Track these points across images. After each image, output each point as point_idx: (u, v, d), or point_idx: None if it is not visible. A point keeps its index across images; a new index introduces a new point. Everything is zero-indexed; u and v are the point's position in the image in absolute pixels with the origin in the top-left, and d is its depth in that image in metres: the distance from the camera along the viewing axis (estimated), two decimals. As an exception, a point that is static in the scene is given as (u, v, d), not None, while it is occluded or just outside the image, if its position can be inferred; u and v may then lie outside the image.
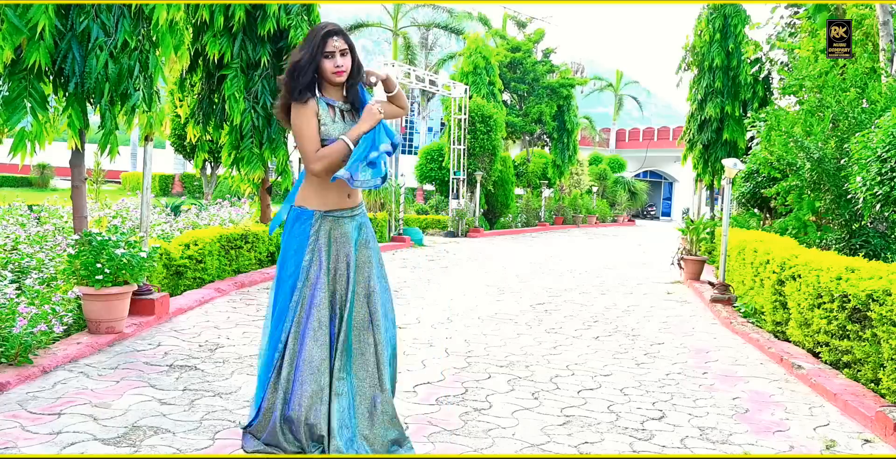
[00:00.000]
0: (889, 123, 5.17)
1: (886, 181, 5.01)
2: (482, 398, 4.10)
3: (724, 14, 14.87)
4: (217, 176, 17.00)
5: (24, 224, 6.82)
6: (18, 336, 3.96)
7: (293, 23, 7.68)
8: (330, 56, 2.98)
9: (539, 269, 11.04)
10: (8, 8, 4.18)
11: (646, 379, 4.73)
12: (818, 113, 7.51)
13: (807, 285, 5.18)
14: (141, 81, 4.90)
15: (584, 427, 3.69)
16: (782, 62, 13.59)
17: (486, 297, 7.94)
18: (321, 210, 3.05)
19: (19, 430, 3.23)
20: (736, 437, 3.68)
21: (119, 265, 4.88)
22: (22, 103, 4.41)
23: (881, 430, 3.74)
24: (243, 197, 10.26)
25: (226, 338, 5.24)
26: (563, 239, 18.38)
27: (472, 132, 17.87)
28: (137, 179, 26.68)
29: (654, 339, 6.07)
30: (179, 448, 3.14)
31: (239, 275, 7.80)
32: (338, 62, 2.99)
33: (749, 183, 10.06)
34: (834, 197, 6.95)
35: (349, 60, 3.02)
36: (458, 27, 28.69)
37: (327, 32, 2.98)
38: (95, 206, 8.42)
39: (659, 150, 39.41)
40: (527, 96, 23.96)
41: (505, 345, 5.54)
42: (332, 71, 2.99)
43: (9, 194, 13.05)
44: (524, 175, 24.02)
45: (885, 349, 4.06)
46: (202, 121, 8.22)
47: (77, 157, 5.29)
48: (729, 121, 14.83)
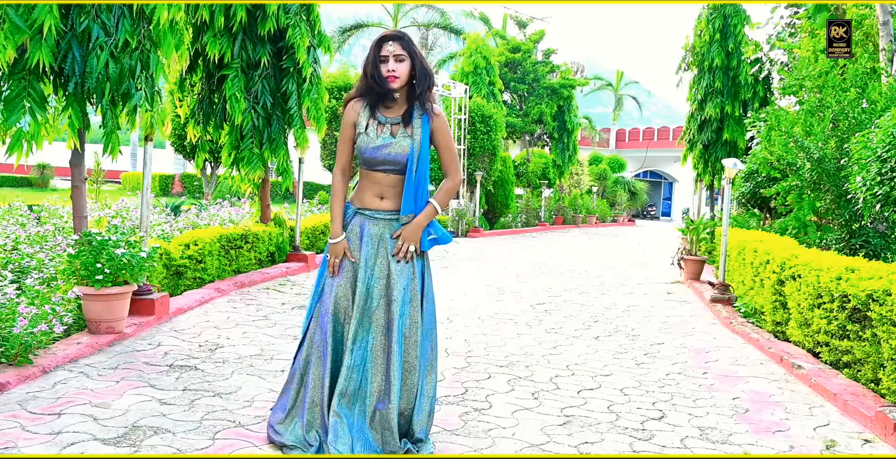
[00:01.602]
0: (889, 123, 5.17)
1: (886, 181, 5.01)
2: (482, 398, 4.10)
3: (724, 14, 14.88)
4: (217, 176, 17.00)
5: (24, 224, 6.82)
6: (18, 336, 3.96)
7: (292, 22, 7.67)
8: (384, 60, 3.02)
9: (539, 269, 11.04)
10: (9, 7, 4.19)
11: (646, 379, 4.73)
12: (818, 113, 7.51)
13: (807, 286, 5.18)
14: (143, 80, 4.90)
15: (584, 427, 3.69)
16: (782, 62, 13.59)
17: (486, 297, 7.94)
18: (356, 207, 3.19)
19: (19, 430, 3.23)
20: (736, 437, 3.68)
21: (119, 265, 4.88)
22: (21, 103, 4.41)
23: (881, 430, 3.74)
24: (243, 197, 10.27)
25: (226, 338, 5.24)
26: (562, 239, 18.38)
27: (472, 132, 17.88)
28: (137, 179, 26.68)
29: (654, 339, 6.07)
30: (179, 448, 3.14)
31: (239, 275, 7.79)
32: (390, 66, 3.01)
33: (749, 183, 10.06)
34: (834, 197, 6.96)
35: (405, 66, 3.03)
36: (457, 27, 28.69)
37: (383, 37, 3.05)
38: (95, 206, 8.43)
39: (659, 150, 39.42)
40: (527, 96, 23.96)
41: (505, 345, 5.54)
42: (385, 76, 3.02)
43: (9, 194, 13.05)
44: (524, 175, 24.02)
45: (885, 349, 4.06)
46: (202, 121, 8.21)
47: (77, 157, 5.29)
48: (729, 121, 14.83)
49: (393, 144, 3.07)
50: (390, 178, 3.11)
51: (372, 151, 3.07)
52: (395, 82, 3.02)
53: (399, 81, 3.03)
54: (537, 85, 23.77)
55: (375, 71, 3.03)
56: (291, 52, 7.78)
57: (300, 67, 7.83)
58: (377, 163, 3.09)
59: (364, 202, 3.16)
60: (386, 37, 3.04)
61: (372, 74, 3.03)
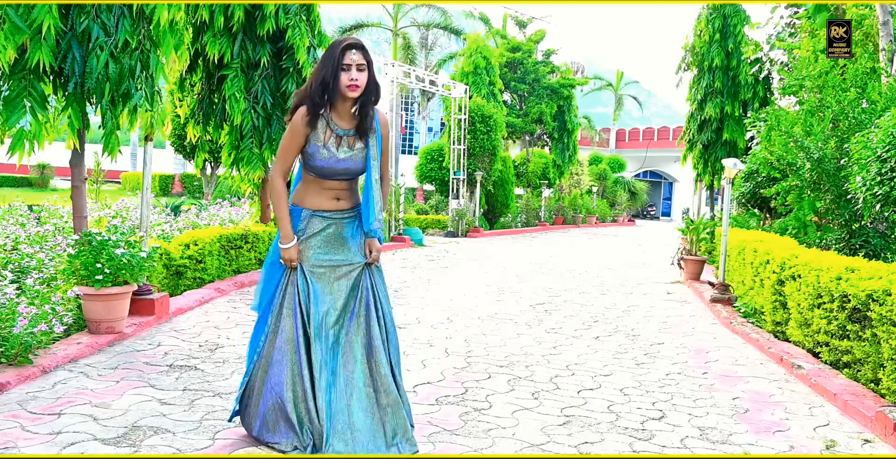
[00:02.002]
0: (889, 123, 5.17)
1: (886, 181, 5.01)
2: (482, 398, 4.10)
3: (724, 14, 14.88)
4: (217, 176, 17.01)
5: (24, 224, 6.82)
6: (18, 336, 3.96)
7: (291, 23, 7.67)
8: (346, 69, 3.00)
9: (539, 269, 11.04)
10: (9, 7, 4.19)
11: (646, 379, 4.73)
12: (818, 113, 7.51)
13: (807, 286, 5.18)
14: (142, 80, 4.90)
15: (584, 427, 3.69)
16: (782, 62, 13.58)
17: (485, 297, 7.94)
18: (311, 209, 3.18)
19: (19, 430, 3.23)
20: (736, 437, 3.68)
21: (119, 265, 4.88)
22: (21, 103, 4.41)
23: (881, 430, 3.74)
24: (243, 197, 10.27)
25: (226, 338, 5.24)
26: (562, 239, 18.38)
27: (472, 132, 17.87)
28: (137, 179, 26.68)
29: (654, 339, 6.07)
30: (179, 448, 3.14)
31: (239, 275, 7.79)
32: (353, 75, 3.00)
33: (749, 183, 10.06)
34: (834, 197, 6.95)
35: (366, 76, 3.04)
36: (457, 27, 28.67)
37: (347, 46, 3.02)
38: (95, 206, 8.42)
39: (659, 150, 39.41)
40: (527, 96, 23.96)
41: (505, 345, 5.54)
42: (347, 84, 3.01)
43: (9, 194, 13.05)
44: (524, 175, 24.02)
45: (885, 349, 4.06)
46: (202, 121, 8.22)
47: (77, 157, 5.29)
48: (729, 121, 14.84)
49: (353, 157, 3.13)
50: (345, 183, 3.20)
51: (332, 164, 3.10)
52: (356, 92, 3.03)
53: (359, 91, 3.04)
54: (537, 85, 23.77)
55: (334, 79, 3.01)
56: (291, 52, 7.78)
57: (300, 67, 7.83)
58: (336, 173, 3.13)
59: (320, 205, 3.17)
60: (350, 45, 3.02)
61: (330, 83, 3.01)
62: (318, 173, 3.14)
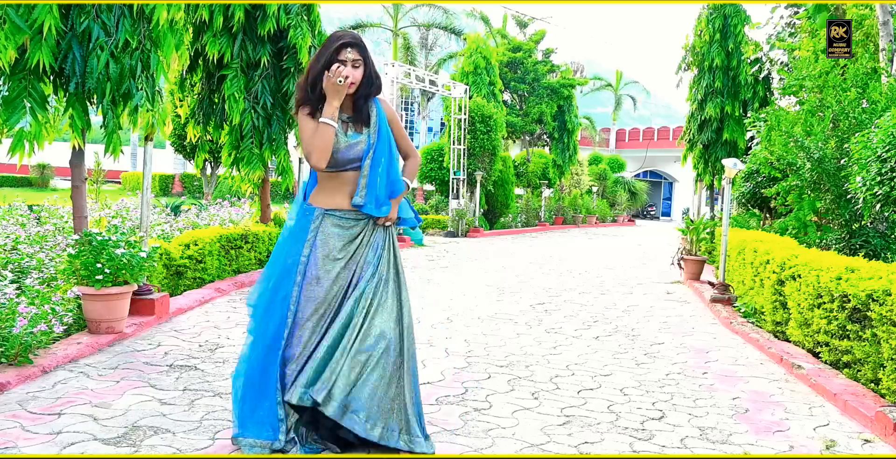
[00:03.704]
0: (889, 123, 5.17)
1: (886, 181, 5.01)
2: (482, 398, 4.10)
3: (724, 14, 14.88)
4: (217, 176, 17.01)
5: (24, 224, 6.82)
6: (18, 336, 3.96)
7: (293, 23, 7.67)
8: (342, 65, 3.00)
9: (539, 269, 11.04)
10: (10, 7, 4.19)
11: (646, 379, 4.73)
12: (818, 113, 7.51)
13: (807, 285, 5.18)
14: (143, 80, 4.90)
15: (584, 427, 3.69)
16: (782, 62, 13.59)
17: (485, 297, 7.94)
18: (324, 208, 3.14)
19: (19, 430, 3.23)
20: (736, 437, 3.68)
21: (119, 265, 4.88)
22: (21, 103, 4.41)
23: (881, 430, 3.74)
24: (243, 197, 10.27)
25: (226, 338, 5.24)
26: (562, 239, 18.38)
27: (472, 132, 17.87)
28: (137, 179, 26.68)
29: (654, 339, 6.07)
30: (179, 448, 3.14)
31: (239, 275, 7.80)
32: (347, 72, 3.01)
33: (749, 183, 10.06)
34: (834, 197, 6.96)
35: (361, 73, 3.04)
36: (457, 27, 28.69)
37: (343, 43, 3.01)
38: (95, 206, 8.42)
39: (659, 150, 39.41)
40: (527, 96, 23.96)
41: (505, 345, 5.54)
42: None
43: (9, 194, 13.04)
44: (524, 175, 24.03)
45: (885, 349, 4.06)
46: (202, 121, 8.22)
47: (77, 157, 5.29)
48: (729, 121, 14.84)
49: (360, 141, 3.12)
50: (356, 174, 3.14)
51: (345, 151, 3.08)
52: (351, 88, 3.04)
53: (354, 88, 3.06)
54: (537, 85, 23.77)
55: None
56: (292, 52, 7.78)
57: (301, 68, 7.83)
58: (350, 161, 3.10)
59: (336, 204, 3.12)
60: (345, 42, 3.01)
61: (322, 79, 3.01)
62: (333, 164, 3.10)
